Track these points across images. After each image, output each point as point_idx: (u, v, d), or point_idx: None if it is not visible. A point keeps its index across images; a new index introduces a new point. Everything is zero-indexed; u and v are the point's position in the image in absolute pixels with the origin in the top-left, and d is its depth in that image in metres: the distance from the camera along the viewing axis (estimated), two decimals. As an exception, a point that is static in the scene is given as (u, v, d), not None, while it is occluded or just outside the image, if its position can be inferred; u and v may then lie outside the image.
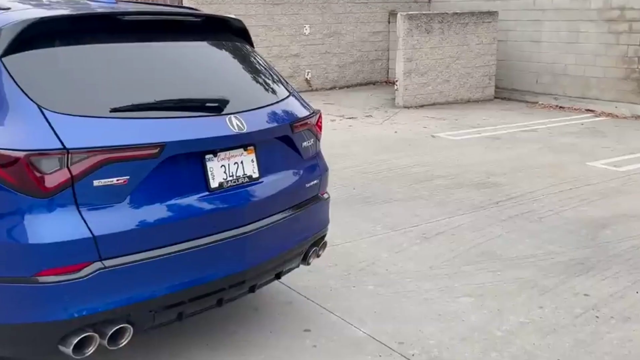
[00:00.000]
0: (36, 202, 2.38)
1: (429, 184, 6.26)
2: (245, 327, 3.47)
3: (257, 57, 3.43)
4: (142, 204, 2.58)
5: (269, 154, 3.05)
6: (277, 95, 3.24)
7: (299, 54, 12.39)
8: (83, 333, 2.48)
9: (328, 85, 12.81)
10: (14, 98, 2.47)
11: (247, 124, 2.87)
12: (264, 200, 2.97)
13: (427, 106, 10.92)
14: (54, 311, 2.41)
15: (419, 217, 5.28)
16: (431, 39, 10.95)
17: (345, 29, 12.90)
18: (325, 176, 3.47)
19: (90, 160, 2.42)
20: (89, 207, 2.45)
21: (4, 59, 2.53)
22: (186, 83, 2.94)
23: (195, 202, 2.74)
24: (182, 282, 2.68)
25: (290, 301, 3.79)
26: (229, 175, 2.85)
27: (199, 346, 3.27)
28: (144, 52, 2.91)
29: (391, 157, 7.31)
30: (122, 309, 2.54)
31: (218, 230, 2.78)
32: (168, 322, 2.80)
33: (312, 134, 3.35)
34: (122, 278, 2.52)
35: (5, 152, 2.36)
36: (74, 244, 2.41)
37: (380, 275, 4.16)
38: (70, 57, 2.69)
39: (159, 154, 2.58)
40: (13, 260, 2.40)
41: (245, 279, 2.92)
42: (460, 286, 4.01)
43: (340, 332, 3.45)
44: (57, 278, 2.40)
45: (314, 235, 3.34)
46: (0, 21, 2.60)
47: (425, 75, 10.97)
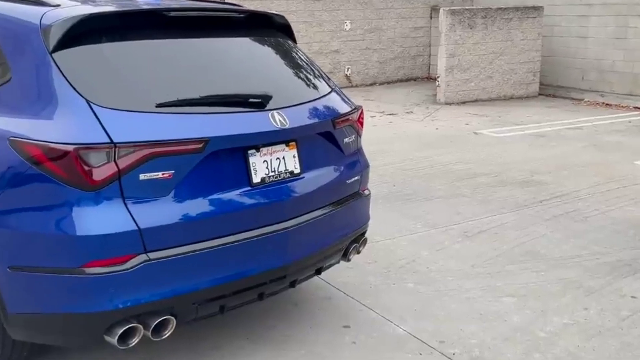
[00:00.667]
0: (84, 195, 2.43)
1: (471, 181, 6.18)
2: (285, 321, 3.49)
3: (299, 53, 3.44)
4: (186, 198, 2.61)
5: (311, 150, 3.05)
6: (319, 91, 3.24)
7: (339, 50, 12.37)
8: (128, 324, 2.53)
9: (368, 82, 12.77)
10: (64, 93, 2.52)
11: (289, 120, 2.87)
12: (305, 196, 2.98)
13: (469, 103, 10.78)
14: (100, 302, 2.46)
15: (460, 215, 5.22)
16: (474, 35, 10.80)
17: (386, 25, 12.82)
18: (366, 172, 3.45)
19: (136, 154, 2.46)
20: (134, 201, 2.49)
21: (54, 54, 2.59)
22: (230, 78, 2.96)
23: (238, 197, 2.76)
24: (224, 276, 2.71)
25: (329, 297, 3.79)
26: (271, 170, 2.87)
27: (240, 339, 3.30)
28: (188, 48, 2.95)
29: (432, 154, 7.24)
30: (165, 301, 2.57)
31: (260, 225, 2.80)
32: (210, 314, 2.83)
33: (353, 130, 3.34)
34: (166, 270, 2.55)
35: (55, 145, 2.41)
36: (120, 236, 2.45)
37: (421, 273, 4.13)
38: (117, 52, 2.73)
39: (203, 148, 2.60)
40: (61, 252, 2.46)
41: (286, 273, 2.94)
42: (502, 286, 3.95)
43: (380, 329, 3.43)
44: (103, 270, 2.44)
45: (355, 231, 3.33)
46: (51, 18, 2.66)
47: (467, 71, 10.83)
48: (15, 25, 2.75)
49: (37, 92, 2.59)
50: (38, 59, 2.61)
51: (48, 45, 2.60)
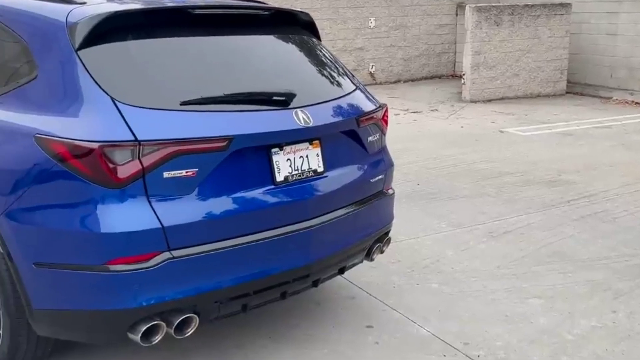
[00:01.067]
0: (108, 193, 2.44)
1: (496, 180, 6.10)
2: (308, 320, 3.47)
3: (323, 50, 3.41)
4: (210, 196, 2.61)
5: (334, 148, 3.03)
6: (343, 89, 3.21)
7: (363, 47, 12.32)
8: (151, 321, 2.53)
9: (392, 79, 12.69)
10: (89, 90, 2.53)
11: (313, 118, 2.85)
12: (328, 195, 2.95)
13: (495, 101, 10.66)
14: (123, 299, 2.47)
15: (485, 214, 5.15)
16: (501, 32, 10.67)
17: (411, 22, 12.73)
18: (390, 171, 3.42)
19: (160, 152, 2.46)
20: (158, 198, 2.49)
21: (79, 52, 2.60)
22: (254, 76, 2.95)
23: (261, 195, 2.75)
24: (247, 274, 2.70)
25: (352, 296, 3.76)
26: (295, 169, 2.85)
27: (263, 338, 3.29)
28: (213, 46, 2.94)
29: (457, 153, 7.17)
30: (188, 299, 2.57)
31: (283, 224, 2.78)
32: (233, 313, 2.82)
33: (377, 129, 3.30)
34: (189, 268, 2.55)
35: (80, 143, 2.42)
36: (143, 234, 2.46)
37: (445, 273, 4.08)
38: (142, 50, 2.74)
39: (227, 147, 2.60)
40: (85, 249, 2.47)
41: (309, 272, 2.92)
42: (529, 287, 3.88)
43: (404, 330, 3.40)
44: (127, 267, 2.45)
45: (378, 231, 3.30)
46: (77, 15, 2.67)
47: (493, 68, 10.70)
48: (42, 22, 2.77)
49: (63, 89, 2.60)
50: (64, 57, 2.62)
51: (74, 42, 2.61)
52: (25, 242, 2.59)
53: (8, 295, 2.70)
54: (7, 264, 2.66)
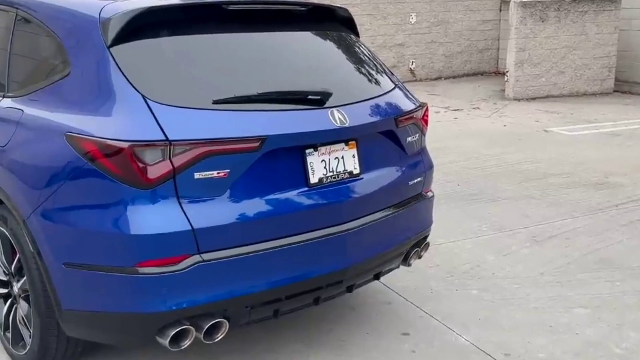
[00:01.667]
0: (138, 193, 2.38)
1: (540, 182, 5.89)
2: (342, 326, 3.37)
3: (362, 47, 3.30)
4: (241, 198, 2.53)
5: (371, 149, 2.92)
6: (382, 88, 3.10)
7: (403, 43, 12.13)
8: (180, 326, 2.47)
9: (433, 76, 12.47)
10: (120, 88, 2.48)
11: (349, 118, 2.75)
12: (364, 198, 2.85)
13: (539, 99, 10.36)
14: (152, 302, 2.41)
15: (529, 218, 4.97)
16: (546, 28, 10.36)
17: (453, 18, 12.48)
18: (429, 173, 3.29)
19: (192, 153, 2.39)
20: (189, 200, 2.42)
21: (112, 48, 2.55)
22: (289, 74, 2.86)
23: (294, 198, 2.66)
24: (279, 279, 2.61)
25: (388, 302, 3.65)
26: (329, 170, 2.75)
27: (295, 342, 3.21)
28: (247, 42, 2.85)
29: (499, 152, 6.96)
30: (218, 304, 2.50)
31: (316, 227, 2.69)
32: (263, 318, 2.74)
33: (417, 129, 3.18)
34: (219, 272, 2.48)
35: (110, 142, 2.37)
36: (173, 236, 2.39)
37: (486, 279, 3.93)
38: (174, 47, 2.67)
39: (260, 147, 2.51)
40: (114, 250, 2.42)
41: (343, 278, 2.82)
42: (574, 296, 3.71)
43: (441, 338, 3.27)
44: (156, 269, 2.39)
45: (416, 235, 3.17)
46: (109, 11, 2.62)
47: (538, 66, 10.40)
48: (75, 18, 2.74)
49: (94, 87, 2.55)
50: (96, 53, 2.57)
51: (106, 39, 2.56)
52: (55, 241, 2.55)
53: (38, 295, 2.68)
54: (37, 263, 2.63)
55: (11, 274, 2.94)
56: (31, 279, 2.69)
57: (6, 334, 3.03)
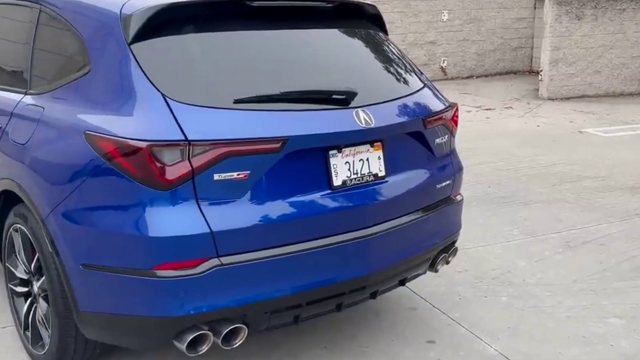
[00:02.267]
0: (156, 194, 2.32)
1: (574, 185, 5.71)
2: (365, 332, 3.28)
3: (390, 45, 3.19)
4: (262, 200, 2.45)
5: (398, 151, 2.82)
6: (410, 87, 2.99)
7: (435, 41, 11.95)
8: (198, 330, 2.41)
9: (464, 74, 12.26)
10: (140, 86, 2.42)
11: (375, 119, 2.65)
12: (390, 201, 2.75)
13: (573, 99, 10.10)
14: (170, 307, 2.35)
15: (562, 222, 4.80)
16: (582, 26, 10.09)
17: (486, 15, 12.25)
18: (459, 176, 3.17)
19: (211, 153, 2.32)
20: (208, 202, 2.36)
21: (132, 46, 2.49)
22: (313, 73, 2.77)
23: (317, 201, 2.57)
24: (300, 284, 2.53)
25: (414, 307, 3.54)
26: (353, 172, 2.66)
27: (317, 348, 3.13)
28: (271, 40, 2.78)
29: (532, 154, 6.78)
30: (237, 309, 2.43)
31: (339, 231, 2.60)
32: (284, 324, 2.67)
33: (446, 130, 3.07)
34: (238, 276, 2.41)
35: (128, 141, 2.32)
36: (192, 238, 2.33)
37: (516, 285, 3.79)
38: (196, 44, 2.61)
39: (281, 148, 2.43)
40: (131, 252, 2.37)
41: (366, 284, 2.72)
42: (609, 305, 3.55)
43: (469, 347, 3.16)
44: (174, 273, 2.33)
45: (444, 240, 3.06)
46: (130, 7, 2.57)
47: (573, 65, 10.14)
48: (97, 14, 2.69)
49: (114, 84, 2.50)
50: (116, 50, 2.52)
51: (127, 35, 2.51)
52: (73, 242, 2.51)
53: (57, 295, 2.64)
54: (55, 262, 2.60)
55: (31, 273, 2.91)
56: (50, 278, 2.66)
57: (26, 333, 3.01)
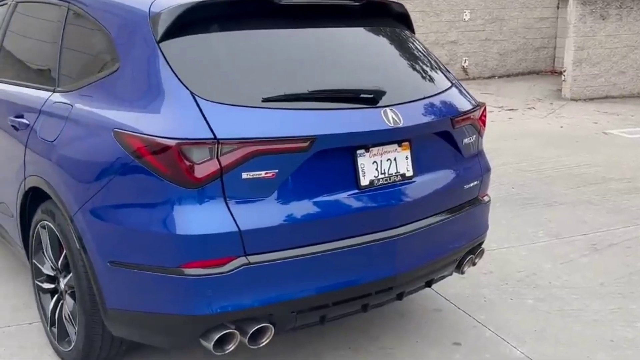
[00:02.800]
0: (184, 193, 2.32)
1: (599, 187, 5.63)
2: (390, 333, 3.26)
3: (417, 44, 3.17)
4: (289, 199, 2.44)
5: (426, 151, 2.79)
6: (438, 87, 2.96)
7: (456, 40, 11.87)
8: (225, 329, 2.40)
9: (486, 74, 12.16)
10: (169, 84, 2.42)
11: (403, 118, 2.63)
12: (417, 201, 2.72)
13: (597, 99, 9.97)
14: (197, 305, 2.35)
15: (587, 224, 4.74)
16: (607, 26, 9.96)
17: (508, 15, 12.14)
18: (486, 177, 3.14)
19: (240, 152, 2.32)
20: (236, 200, 2.35)
21: (161, 44, 2.49)
22: (341, 72, 2.76)
23: (344, 200, 2.55)
24: (326, 284, 2.52)
25: (438, 309, 3.51)
26: (381, 172, 2.64)
27: (342, 348, 3.11)
28: (298, 38, 2.77)
29: (556, 155, 6.70)
30: (264, 308, 2.42)
31: (366, 232, 2.58)
32: (310, 324, 2.65)
33: (474, 130, 3.03)
34: (265, 275, 2.40)
35: (157, 139, 2.32)
36: (219, 237, 2.32)
37: (542, 288, 3.75)
38: (224, 42, 2.60)
39: (309, 147, 2.42)
40: (159, 250, 2.37)
41: (393, 285, 2.70)
42: (637, 309, 3.50)
43: (495, 350, 3.12)
44: (201, 271, 2.32)
45: (471, 241, 3.03)
46: (159, 5, 2.57)
47: (597, 65, 10.01)
48: (125, 12, 2.70)
49: (142, 82, 2.51)
50: (145, 48, 2.53)
51: (156, 33, 2.51)
52: (101, 239, 2.52)
53: (84, 292, 2.65)
54: (83, 259, 2.61)
55: (58, 270, 2.93)
56: (77, 275, 2.67)
57: (52, 330, 3.02)
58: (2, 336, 3.22)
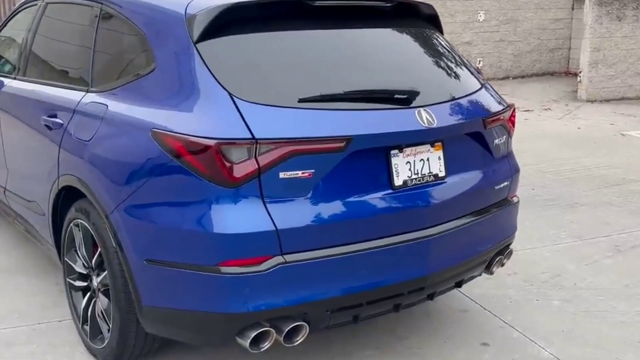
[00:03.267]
0: (222, 192, 2.34)
1: (620, 188, 5.61)
2: (417, 333, 3.27)
3: (447, 45, 3.18)
4: (325, 199, 2.46)
5: (458, 152, 2.80)
6: (469, 87, 2.97)
7: (471, 41, 11.85)
8: (261, 327, 2.42)
9: (500, 75, 12.14)
10: (207, 85, 2.44)
11: (437, 118, 2.64)
12: (449, 202, 2.73)
13: (613, 101, 9.94)
14: (234, 303, 2.37)
15: (609, 226, 4.73)
16: (623, 27, 9.92)
17: (523, 16, 12.11)
18: (516, 178, 3.15)
19: (277, 152, 2.34)
20: (273, 200, 2.37)
21: (198, 45, 2.52)
22: (374, 72, 2.77)
23: (378, 200, 2.57)
24: (361, 284, 2.54)
25: (465, 309, 3.52)
26: (414, 172, 2.65)
27: (369, 348, 3.12)
28: (332, 39, 2.78)
29: (574, 156, 6.69)
30: (299, 307, 2.44)
31: (399, 232, 2.60)
32: (343, 323, 2.67)
33: (504, 131, 3.04)
34: (301, 274, 2.42)
35: (196, 139, 2.34)
36: (257, 236, 2.34)
37: (567, 289, 3.75)
38: (260, 43, 2.62)
39: (345, 147, 2.44)
40: (197, 248, 2.39)
41: (425, 285, 2.71)
42: (664, 311, 3.49)
43: (523, 351, 3.13)
44: (238, 269, 2.35)
45: (501, 242, 3.04)
46: (195, 7, 2.60)
47: (613, 66, 9.98)
48: (160, 14, 2.72)
49: (180, 83, 2.53)
50: (182, 49, 2.55)
51: (192, 35, 2.54)
52: (138, 237, 2.54)
53: (119, 290, 2.68)
54: (119, 258, 2.63)
55: (91, 268, 2.96)
56: (112, 273, 2.69)
57: (84, 327, 3.05)
58: (33, 334, 3.25)
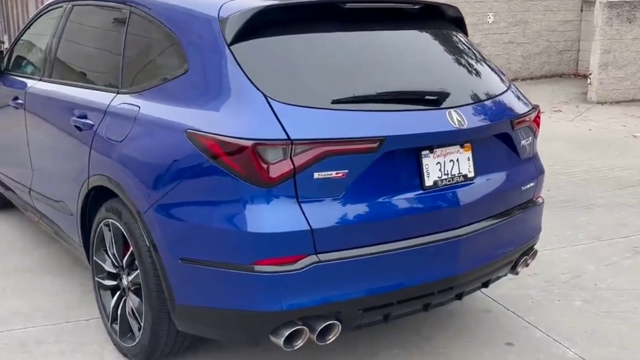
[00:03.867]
0: (258, 192, 2.37)
1: (635, 190, 5.63)
2: (441, 333, 3.29)
3: (473, 47, 3.21)
4: (358, 199, 2.49)
5: (486, 153, 2.83)
6: (496, 89, 3.00)
7: (480, 43, 11.86)
8: (295, 326, 2.45)
9: (509, 77, 11.97)
10: (241, 86, 2.47)
11: (467, 119, 2.67)
12: (478, 202, 2.76)
13: (624, 102, 9.95)
14: (269, 301, 2.40)
15: (627, 227, 4.75)
16: (633, 29, 9.94)
17: (532, 18, 12.13)
18: (541, 179, 3.18)
19: (312, 152, 2.37)
20: (307, 200, 2.40)
21: (232, 47, 2.55)
22: (404, 73, 2.80)
23: (409, 201, 2.60)
24: (392, 283, 2.56)
25: (488, 310, 3.54)
26: (444, 173, 2.68)
27: (396, 347, 3.15)
28: (362, 41, 2.81)
29: (587, 158, 6.71)
30: (332, 305, 2.47)
31: (429, 232, 2.62)
32: (374, 322, 2.70)
33: (530, 132, 3.07)
34: (334, 274, 2.44)
35: (232, 140, 2.37)
36: (292, 235, 2.37)
37: (588, 290, 3.77)
38: (292, 45, 2.65)
39: (378, 148, 2.46)
40: (232, 247, 2.42)
41: (454, 284, 2.74)
42: (686, 312, 3.51)
43: (547, 351, 3.15)
44: (273, 268, 2.38)
45: (527, 242, 3.06)
46: (228, 9, 2.63)
47: (623, 68, 9.99)
48: (193, 16, 2.75)
49: (214, 84, 2.56)
50: (215, 51, 2.58)
51: (226, 37, 2.57)
52: (173, 236, 2.57)
53: (151, 289, 2.71)
54: (152, 257, 2.66)
55: (121, 267, 2.99)
56: (145, 272, 2.72)
57: (113, 326, 3.08)
58: (61, 332, 3.29)
